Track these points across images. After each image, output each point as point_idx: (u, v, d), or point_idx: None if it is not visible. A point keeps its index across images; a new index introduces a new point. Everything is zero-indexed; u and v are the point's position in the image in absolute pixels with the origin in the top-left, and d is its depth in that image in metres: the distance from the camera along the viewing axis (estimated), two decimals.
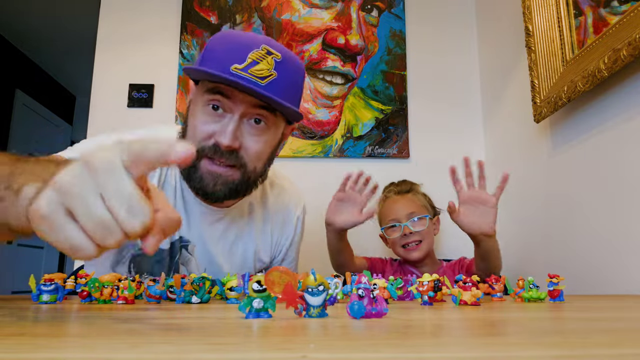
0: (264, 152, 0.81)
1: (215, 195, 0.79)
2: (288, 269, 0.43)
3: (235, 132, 0.75)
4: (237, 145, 0.76)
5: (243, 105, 0.75)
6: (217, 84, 0.74)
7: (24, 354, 0.26)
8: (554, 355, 0.26)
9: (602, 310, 0.56)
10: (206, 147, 0.76)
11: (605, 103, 1.05)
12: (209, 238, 0.89)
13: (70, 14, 3.04)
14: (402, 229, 1.25)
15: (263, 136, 0.79)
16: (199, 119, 0.77)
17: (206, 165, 0.78)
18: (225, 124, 0.75)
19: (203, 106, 0.77)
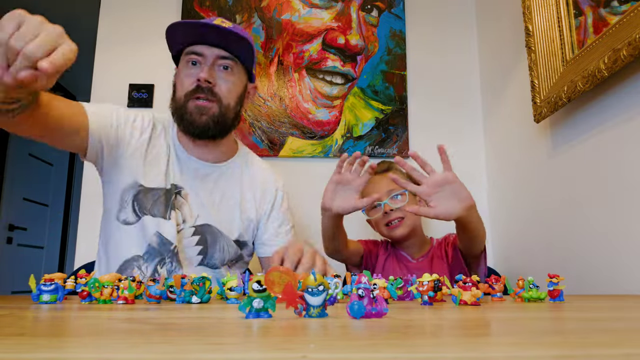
0: (234, 90, 1.03)
1: (201, 125, 1.00)
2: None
3: (210, 71, 1.00)
4: (213, 80, 1.00)
5: (212, 56, 1.00)
6: (191, 47, 1.01)
7: (24, 354, 0.26)
8: (554, 355, 0.26)
9: (602, 310, 0.56)
10: (191, 89, 1.00)
11: (605, 103, 1.05)
12: (200, 190, 1.06)
13: (70, 14, 3.04)
14: (382, 207, 1.21)
15: (231, 78, 1.03)
16: (182, 74, 1.02)
17: (192, 103, 1.00)
18: (201, 68, 1.00)
19: (184, 66, 1.02)
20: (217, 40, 0.99)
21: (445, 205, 0.95)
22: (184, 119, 1.01)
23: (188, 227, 1.02)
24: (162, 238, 0.99)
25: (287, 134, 1.70)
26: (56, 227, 3.91)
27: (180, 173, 1.05)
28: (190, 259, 1.02)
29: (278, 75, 1.73)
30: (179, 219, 1.02)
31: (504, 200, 1.60)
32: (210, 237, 1.04)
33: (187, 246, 1.02)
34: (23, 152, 3.51)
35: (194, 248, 1.02)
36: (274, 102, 1.71)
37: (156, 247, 0.98)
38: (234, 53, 1.02)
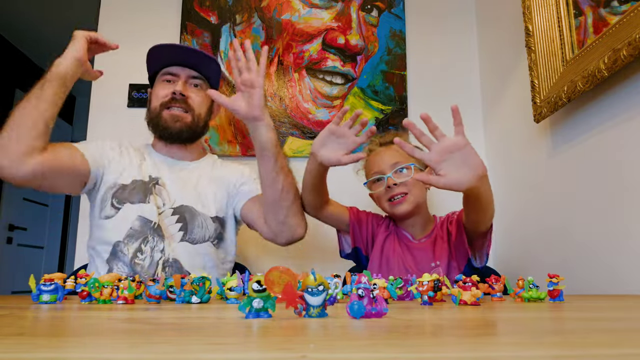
0: (204, 103, 1.19)
1: (176, 131, 1.15)
2: (288, 268, 0.43)
3: (184, 86, 1.15)
4: (187, 94, 1.15)
5: (185, 75, 1.17)
6: (167, 68, 1.18)
7: (23, 353, 0.26)
8: (554, 355, 0.26)
9: (602, 310, 0.56)
10: (165, 100, 1.14)
11: (605, 103, 1.05)
12: (175, 179, 1.17)
13: (70, 14, 3.04)
14: (385, 181, 1.14)
15: (201, 93, 1.19)
16: (158, 89, 1.17)
17: (167, 112, 1.14)
18: (176, 84, 1.16)
19: (159, 84, 1.18)
20: (190, 61, 1.16)
21: (455, 174, 0.85)
22: (159, 125, 1.15)
23: (167, 208, 1.12)
24: (143, 219, 1.09)
25: (287, 134, 1.69)
26: (56, 227, 3.91)
27: (155, 167, 1.17)
28: (172, 236, 1.10)
29: (278, 75, 1.73)
30: (159, 202, 1.12)
31: (504, 200, 1.60)
32: (189, 215, 1.13)
33: (169, 224, 1.11)
34: None
35: (175, 225, 1.11)
36: (274, 102, 1.71)
37: (138, 229, 1.08)
38: (203, 74, 1.19)
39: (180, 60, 1.17)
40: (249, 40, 1.08)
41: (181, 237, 1.10)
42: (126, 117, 1.70)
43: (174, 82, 1.16)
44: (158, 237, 1.08)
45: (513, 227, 1.52)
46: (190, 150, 1.23)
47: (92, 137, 1.69)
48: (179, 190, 1.16)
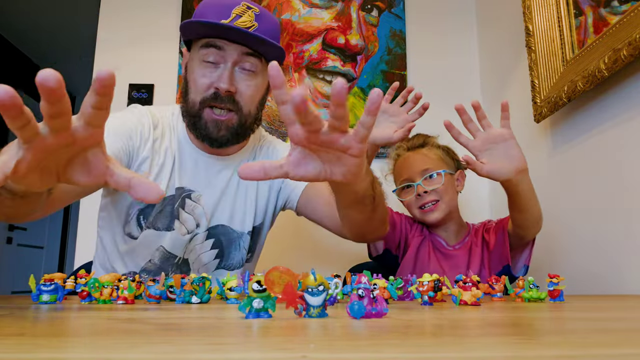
0: (256, 96, 0.91)
1: (220, 140, 0.90)
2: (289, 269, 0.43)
3: (231, 78, 0.86)
4: (234, 89, 0.87)
5: (234, 55, 0.86)
6: (209, 39, 0.86)
7: (24, 354, 0.26)
8: (554, 355, 0.26)
9: (602, 310, 0.56)
10: (207, 96, 0.87)
11: (606, 103, 1.05)
12: (213, 189, 0.96)
13: (70, 14, 3.04)
14: (415, 188, 1.10)
15: (254, 80, 0.89)
16: (197, 74, 0.88)
17: (209, 114, 0.88)
18: (221, 72, 0.87)
19: (199, 62, 0.88)
20: (240, 40, 0.86)
21: (497, 163, 0.86)
22: (198, 128, 0.90)
23: (202, 231, 0.95)
24: (164, 253, 0.94)
25: (287, 134, 1.69)
26: (56, 227, 3.91)
27: (190, 173, 0.96)
28: (207, 265, 0.96)
29: None
30: (190, 225, 0.94)
31: (504, 199, 1.60)
32: (225, 238, 0.98)
33: (201, 252, 0.95)
34: None
35: (209, 253, 0.96)
36: (274, 102, 1.71)
37: (157, 263, 0.94)
38: (260, 51, 0.88)
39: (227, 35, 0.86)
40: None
41: (216, 266, 0.96)
42: None
43: (217, 64, 0.87)
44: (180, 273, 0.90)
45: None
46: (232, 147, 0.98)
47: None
48: (216, 203, 0.96)
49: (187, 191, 0.94)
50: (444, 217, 1.11)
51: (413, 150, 1.17)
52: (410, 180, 1.12)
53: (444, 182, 1.10)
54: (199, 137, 0.92)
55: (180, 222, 0.93)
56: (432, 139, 1.20)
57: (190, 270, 0.95)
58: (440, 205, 1.10)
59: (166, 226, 0.92)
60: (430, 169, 1.12)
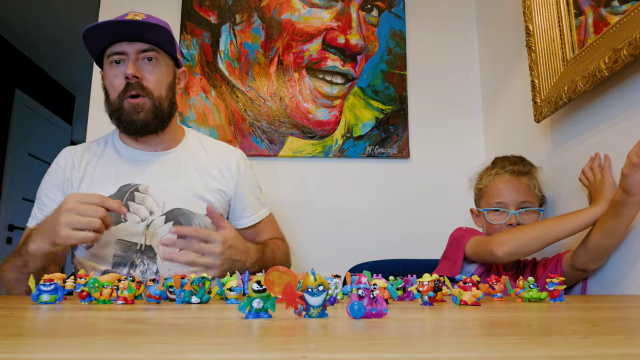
0: (162, 81, 1.04)
1: (140, 122, 1.01)
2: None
3: (135, 66, 1.00)
4: (139, 75, 1.00)
5: (134, 51, 1.01)
6: (112, 47, 1.01)
7: (23, 354, 0.26)
8: (554, 355, 0.26)
9: (602, 310, 0.56)
10: (121, 89, 1.00)
11: (606, 103, 1.05)
12: (159, 178, 1.06)
13: (70, 14, 3.04)
14: (509, 217, 1.08)
15: (157, 68, 1.03)
16: (110, 76, 1.03)
17: (127, 102, 1.01)
18: (126, 65, 1.01)
19: (109, 67, 1.03)
20: (134, 34, 1.00)
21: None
22: (121, 119, 1.02)
23: (158, 217, 1.02)
24: (123, 244, 1.00)
25: (287, 134, 1.69)
26: None
27: (133, 171, 1.05)
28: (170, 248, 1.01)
29: (278, 75, 1.73)
30: (143, 213, 1.02)
31: None
32: (184, 219, 1.04)
33: (163, 234, 1.01)
34: (23, 152, 3.51)
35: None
36: (273, 102, 1.71)
37: (121, 254, 0.99)
38: (154, 43, 1.02)
39: (122, 35, 1.00)
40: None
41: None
42: None
43: (123, 62, 1.01)
44: (148, 259, 1.00)
45: None
46: (166, 137, 1.10)
47: (91, 138, 1.69)
48: (166, 190, 1.04)
49: (132, 186, 1.04)
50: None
51: (516, 175, 1.14)
52: (505, 206, 1.11)
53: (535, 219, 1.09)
54: (125, 127, 1.03)
55: (132, 213, 1.01)
56: (536, 170, 1.18)
57: (156, 254, 1.01)
58: None
59: (115, 221, 0.98)
60: (529, 202, 1.11)
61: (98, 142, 1.12)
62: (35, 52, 3.60)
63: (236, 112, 1.70)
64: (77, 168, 1.06)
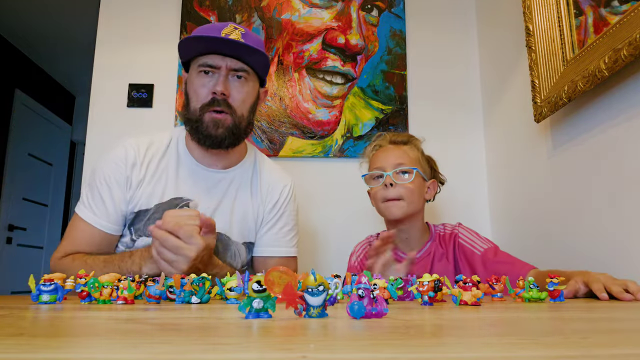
0: (247, 100, 1.04)
1: (219, 137, 1.01)
2: (287, 264, 0.43)
3: (225, 83, 1.00)
4: (228, 93, 1.01)
5: (226, 67, 1.00)
6: (205, 57, 1.00)
7: (23, 354, 0.26)
8: (554, 355, 0.26)
9: (602, 310, 0.56)
10: (206, 102, 1.00)
11: (606, 103, 1.05)
12: (210, 198, 1.06)
13: (70, 14, 3.04)
14: (384, 178, 1.11)
15: (245, 87, 1.03)
16: (197, 84, 1.02)
17: (209, 116, 1.00)
18: (216, 79, 1.01)
19: (197, 75, 1.02)
20: (231, 51, 0.99)
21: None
22: (199, 131, 1.01)
23: None
24: None
25: (287, 134, 1.69)
26: (56, 228, 3.91)
27: (188, 184, 1.05)
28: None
29: (278, 75, 1.73)
30: None
31: (504, 200, 1.60)
32: (222, 246, 1.04)
33: None
34: (23, 152, 3.51)
35: None
36: (274, 102, 1.71)
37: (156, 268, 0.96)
38: (248, 63, 1.02)
39: (219, 49, 1.00)
40: None
41: None
42: (126, 117, 1.71)
43: (213, 74, 1.01)
44: None
45: (513, 227, 1.52)
46: (231, 155, 1.09)
47: (91, 138, 1.70)
48: (213, 211, 1.04)
49: (184, 200, 1.03)
50: (403, 217, 1.11)
51: (395, 144, 1.17)
52: (382, 170, 1.12)
53: (414, 181, 1.11)
54: (201, 139, 1.02)
55: None
56: (417, 141, 1.20)
57: None
58: (402, 203, 1.10)
59: None
60: (404, 164, 1.12)
61: (162, 139, 1.09)
62: (35, 52, 3.60)
63: None
64: (138, 167, 1.04)
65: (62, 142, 4.11)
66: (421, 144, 1.21)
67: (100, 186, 1.02)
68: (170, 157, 1.07)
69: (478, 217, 1.69)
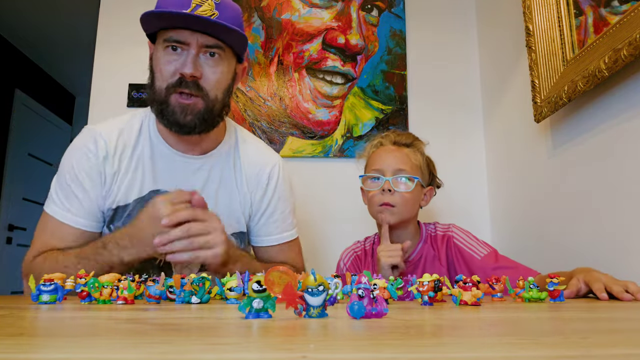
0: (221, 81, 0.92)
1: (187, 125, 0.90)
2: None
3: (195, 63, 0.87)
4: (198, 74, 0.88)
5: (197, 42, 0.87)
6: (172, 32, 0.87)
7: (23, 354, 0.26)
8: (554, 355, 0.26)
9: (602, 310, 0.56)
10: (173, 82, 0.88)
11: (606, 103, 1.05)
12: (191, 185, 0.95)
13: (70, 14, 3.04)
14: (382, 182, 1.06)
15: (219, 67, 0.90)
16: (162, 62, 0.89)
17: (175, 99, 0.89)
18: (185, 58, 0.88)
19: (163, 51, 0.89)
20: (202, 27, 0.86)
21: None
22: (165, 115, 0.90)
23: None
24: None
25: (287, 134, 1.69)
26: None
27: (165, 175, 0.97)
28: (189, 267, 0.94)
29: (278, 75, 1.73)
30: None
31: (504, 199, 1.60)
32: None
33: None
34: (23, 152, 3.51)
35: None
36: (273, 102, 1.71)
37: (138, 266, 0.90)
38: (222, 39, 0.89)
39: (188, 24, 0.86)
40: None
41: (201, 266, 0.93)
42: None
43: (182, 51, 0.88)
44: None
45: (513, 226, 1.52)
46: (208, 138, 0.99)
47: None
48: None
49: (162, 192, 0.93)
50: (395, 223, 1.08)
51: (397, 145, 1.12)
52: (381, 173, 1.08)
53: (412, 190, 1.07)
54: (167, 125, 0.92)
55: None
56: (421, 144, 1.16)
57: (174, 272, 0.93)
58: (396, 210, 1.07)
59: None
60: (405, 171, 1.08)
61: (132, 125, 0.98)
62: (35, 52, 3.60)
63: (236, 112, 1.70)
64: (110, 159, 0.94)
65: (62, 142, 4.11)
66: (425, 147, 1.18)
67: (71, 181, 0.94)
68: (143, 146, 0.97)
69: (477, 216, 1.69)
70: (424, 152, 1.16)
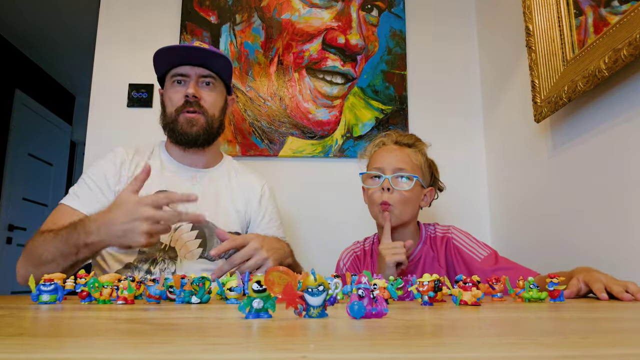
0: (217, 102, 1.17)
1: (194, 135, 1.13)
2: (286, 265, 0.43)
3: (195, 87, 1.14)
4: (199, 95, 1.14)
5: (196, 75, 1.14)
6: (177, 69, 1.14)
7: (23, 354, 0.26)
8: (554, 356, 0.26)
9: (602, 310, 0.56)
10: (180, 104, 1.13)
11: (606, 103, 1.05)
12: (195, 187, 1.14)
13: (70, 14, 3.04)
14: (382, 181, 1.07)
15: (213, 92, 1.17)
16: (171, 92, 1.15)
17: (183, 116, 1.13)
18: (187, 85, 1.14)
19: (171, 85, 1.16)
20: (198, 60, 1.13)
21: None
22: (175, 130, 1.13)
23: (185, 223, 1.08)
24: None
25: (287, 134, 1.69)
26: None
27: (168, 179, 1.13)
28: (192, 253, 1.08)
29: (278, 75, 1.73)
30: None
31: (504, 200, 1.60)
32: (208, 230, 1.11)
33: (187, 240, 1.09)
34: (23, 152, 3.51)
35: (194, 242, 1.09)
36: (274, 102, 1.71)
37: (147, 249, 1.05)
38: (214, 70, 1.15)
39: (188, 60, 1.14)
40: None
41: (200, 254, 1.09)
42: (126, 117, 1.70)
43: (184, 82, 1.14)
44: (169, 260, 1.06)
45: (513, 226, 1.52)
46: (207, 155, 1.20)
47: (91, 138, 1.70)
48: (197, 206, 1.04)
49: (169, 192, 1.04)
50: (394, 224, 1.07)
51: (399, 145, 1.13)
52: (382, 172, 1.09)
53: (412, 189, 1.07)
54: (177, 138, 1.14)
55: None
56: (423, 145, 1.17)
57: (178, 256, 1.07)
58: (395, 211, 1.07)
59: None
60: (405, 170, 1.08)
61: (146, 146, 1.22)
62: (35, 52, 3.60)
63: (236, 112, 1.70)
64: (127, 165, 1.14)
65: (62, 142, 4.11)
66: (426, 148, 1.18)
67: (88, 179, 1.10)
68: (154, 160, 1.17)
69: (478, 216, 1.69)
70: (425, 154, 1.17)
